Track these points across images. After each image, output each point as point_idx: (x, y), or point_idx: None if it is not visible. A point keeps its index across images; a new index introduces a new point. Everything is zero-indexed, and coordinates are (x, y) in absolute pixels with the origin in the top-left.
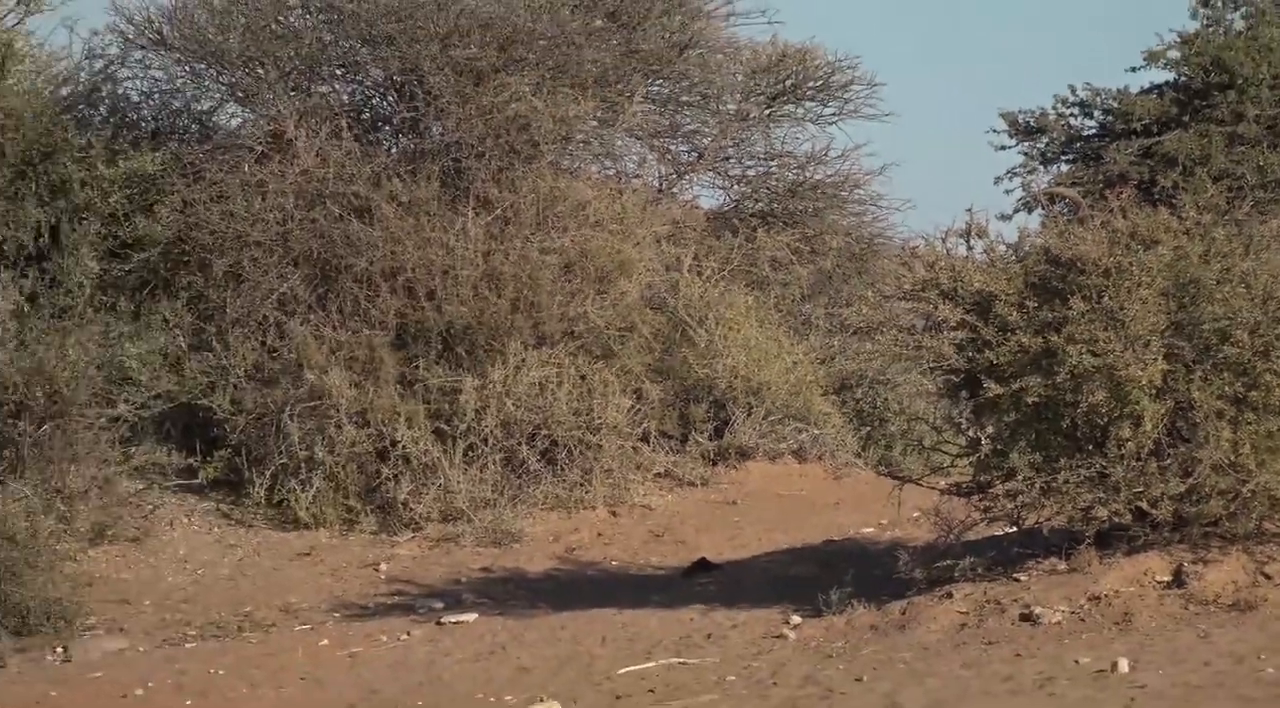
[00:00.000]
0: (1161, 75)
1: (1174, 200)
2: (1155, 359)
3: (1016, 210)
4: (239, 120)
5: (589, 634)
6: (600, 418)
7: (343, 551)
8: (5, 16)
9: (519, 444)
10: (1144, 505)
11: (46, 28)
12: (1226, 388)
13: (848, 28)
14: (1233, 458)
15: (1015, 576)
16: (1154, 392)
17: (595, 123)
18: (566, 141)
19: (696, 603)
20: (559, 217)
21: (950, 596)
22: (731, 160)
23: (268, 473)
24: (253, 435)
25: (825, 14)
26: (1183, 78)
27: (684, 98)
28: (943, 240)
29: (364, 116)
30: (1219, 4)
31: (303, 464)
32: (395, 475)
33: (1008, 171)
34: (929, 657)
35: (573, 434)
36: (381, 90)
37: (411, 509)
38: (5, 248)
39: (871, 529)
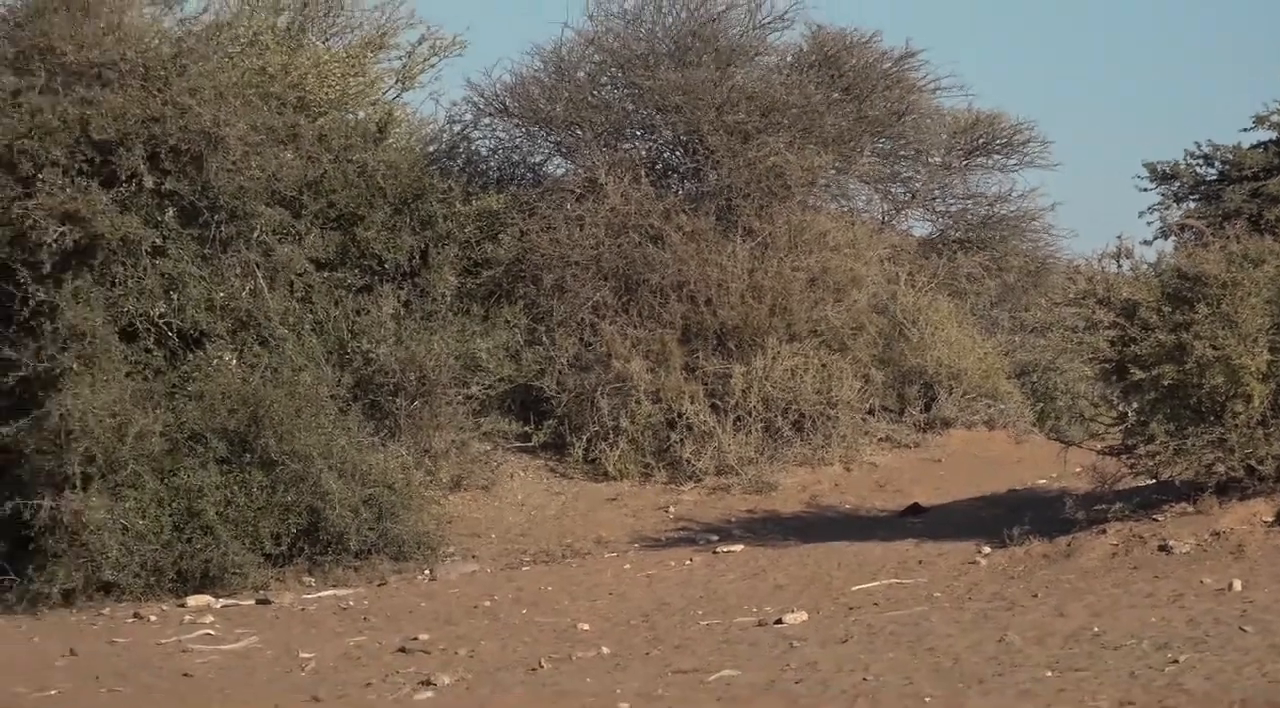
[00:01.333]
0: (1267, 134)
1: (1276, 230)
2: (1261, 351)
3: (1155, 237)
4: (563, 170)
5: (828, 560)
6: (837, 396)
7: (641, 497)
8: (386, 92)
9: (775, 416)
10: (1253, 463)
11: (418, 100)
12: None
13: (1024, 92)
14: None
15: (1154, 517)
16: (1261, 376)
17: (833, 171)
18: (811, 185)
19: (910, 537)
20: (805, 242)
21: (1104, 532)
22: (937, 200)
23: (584, 438)
24: (572, 409)
25: (1010, 82)
26: None
27: (901, 152)
28: (1099, 260)
29: (657, 166)
30: None
31: (610, 431)
32: (681, 440)
33: (1149, 207)
34: (1088, 578)
35: (816, 408)
36: (671, 147)
37: (693, 465)
38: (386, 266)
39: (1044, 481)
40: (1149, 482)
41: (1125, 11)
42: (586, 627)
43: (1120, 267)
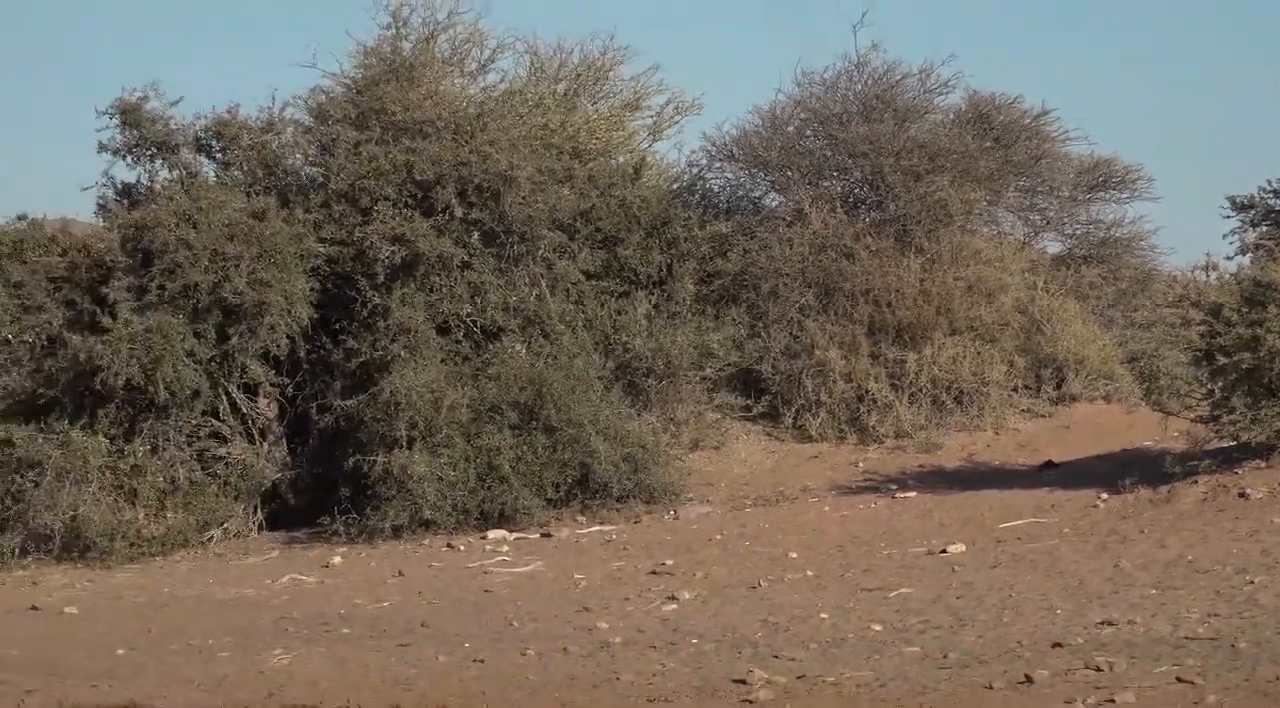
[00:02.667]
0: None
1: None
2: None
3: (1235, 254)
4: (776, 202)
5: (981, 504)
6: (988, 377)
7: (836, 455)
8: (641, 143)
9: (940, 392)
10: None
11: (664, 149)
12: None
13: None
14: None
15: (1235, 471)
16: None
17: (985, 203)
18: (968, 214)
19: (1045, 487)
20: (964, 258)
21: (1196, 482)
22: (1066, 225)
23: (793, 409)
24: (783, 387)
25: (1123, 127)
26: None
27: (1038, 188)
28: (1191, 272)
29: (849, 199)
30: None
31: (813, 404)
32: (867, 410)
33: (1230, 231)
34: (1183, 518)
35: (972, 386)
36: (859, 184)
37: (876, 430)
38: (640, 277)
39: (1149, 443)
40: (1231, 443)
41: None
42: (794, 555)
43: (1208, 277)
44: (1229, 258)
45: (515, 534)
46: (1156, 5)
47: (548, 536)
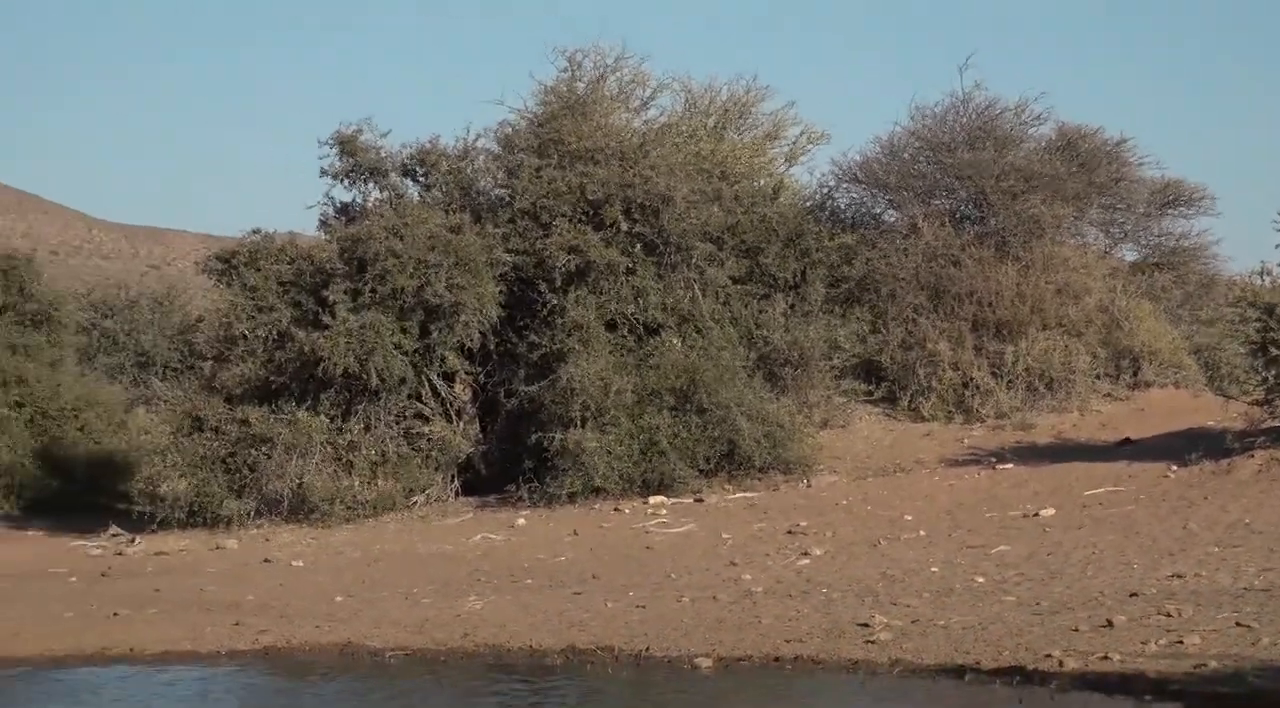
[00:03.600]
0: None
1: None
2: None
3: None
4: (893, 217)
5: (1069, 475)
6: (1074, 366)
7: (945, 433)
8: (779, 167)
9: (1034, 379)
10: None
11: (799, 172)
12: None
13: (1207, 158)
14: None
15: None
16: None
17: (1073, 218)
18: (1058, 228)
19: (1123, 460)
20: (1053, 265)
21: (1253, 456)
22: (1140, 237)
23: (908, 393)
24: (900, 375)
25: (1187, 152)
26: None
27: (1117, 206)
28: (1249, 277)
29: (956, 215)
30: None
31: (925, 389)
32: (972, 395)
33: None
34: (1241, 487)
35: (1060, 374)
36: (965, 202)
37: (979, 412)
38: (778, 281)
39: (1212, 423)
40: None
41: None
42: (909, 518)
43: (1263, 281)
44: None
45: (672, 500)
46: (1224, 47)
47: (700, 501)
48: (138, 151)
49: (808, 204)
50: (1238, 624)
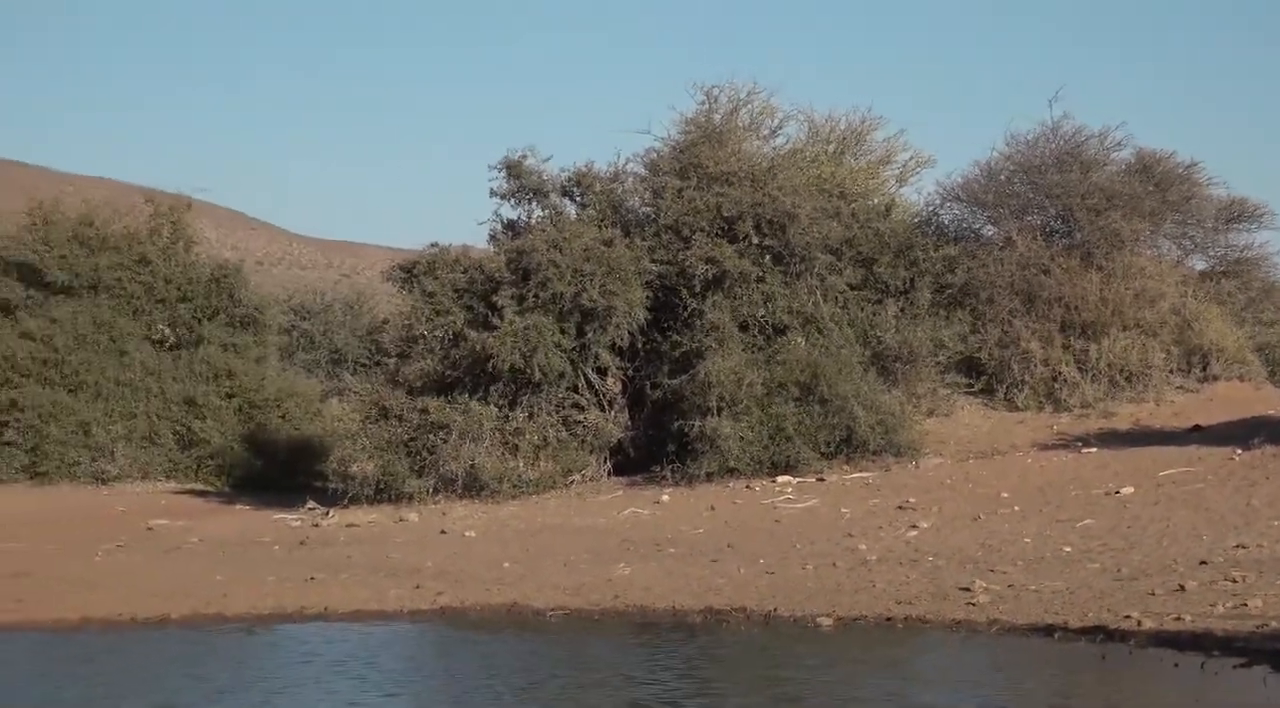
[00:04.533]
0: None
1: None
2: None
3: None
4: (991, 232)
5: (1145, 457)
6: (1151, 363)
7: (1036, 421)
8: (890, 188)
9: (1115, 374)
10: None
11: (908, 192)
12: None
13: (1260, 177)
14: None
15: None
16: None
17: (1149, 232)
18: (1135, 241)
19: (1193, 444)
20: (1132, 273)
21: None
22: (1209, 248)
23: (1004, 386)
24: (996, 369)
25: (1252, 171)
26: None
27: (1188, 221)
28: None
29: (1046, 229)
30: None
31: (1020, 382)
32: (1060, 387)
33: None
34: None
35: (1138, 369)
36: (1054, 218)
37: (1067, 402)
38: (890, 288)
39: (1273, 412)
40: None
41: None
42: (1005, 495)
43: None
44: None
45: (797, 479)
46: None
47: (821, 480)
48: (332, 174)
49: (916, 220)
50: None
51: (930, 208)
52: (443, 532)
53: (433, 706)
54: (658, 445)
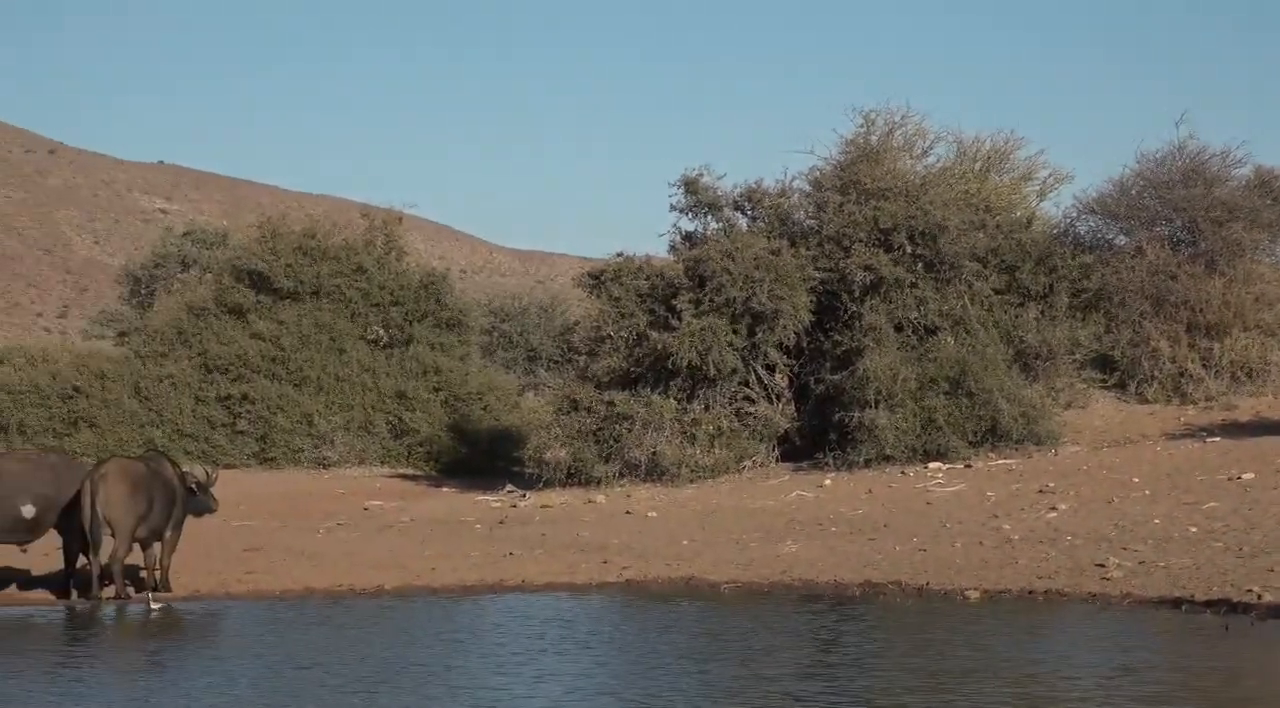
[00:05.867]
0: None
1: None
2: None
3: None
4: (1123, 241)
5: (1265, 446)
6: (1270, 359)
7: (1165, 413)
8: (1031, 202)
9: (1237, 370)
10: None
11: (1047, 206)
12: None
13: None
14: None
15: None
16: None
17: (1267, 241)
18: (1255, 249)
19: None
20: (1252, 278)
21: None
22: None
23: (1135, 381)
24: (1129, 367)
25: None
26: None
27: None
28: None
29: (1173, 239)
30: None
31: (1149, 378)
32: (1187, 383)
33: None
34: None
35: (1259, 366)
36: (1180, 229)
37: (1192, 396)
38: (1031, 292)
39: None
40: None
41: None
42: (1136, 480)
43: None
44: None
45: (947, 465)
46: None
47: (969, 466)
48: (529, 191)
49: (1054, 231)
50: None
51: (1068, 220)
52: (627, 512)
53: (630, 663)
54: (820, 434)
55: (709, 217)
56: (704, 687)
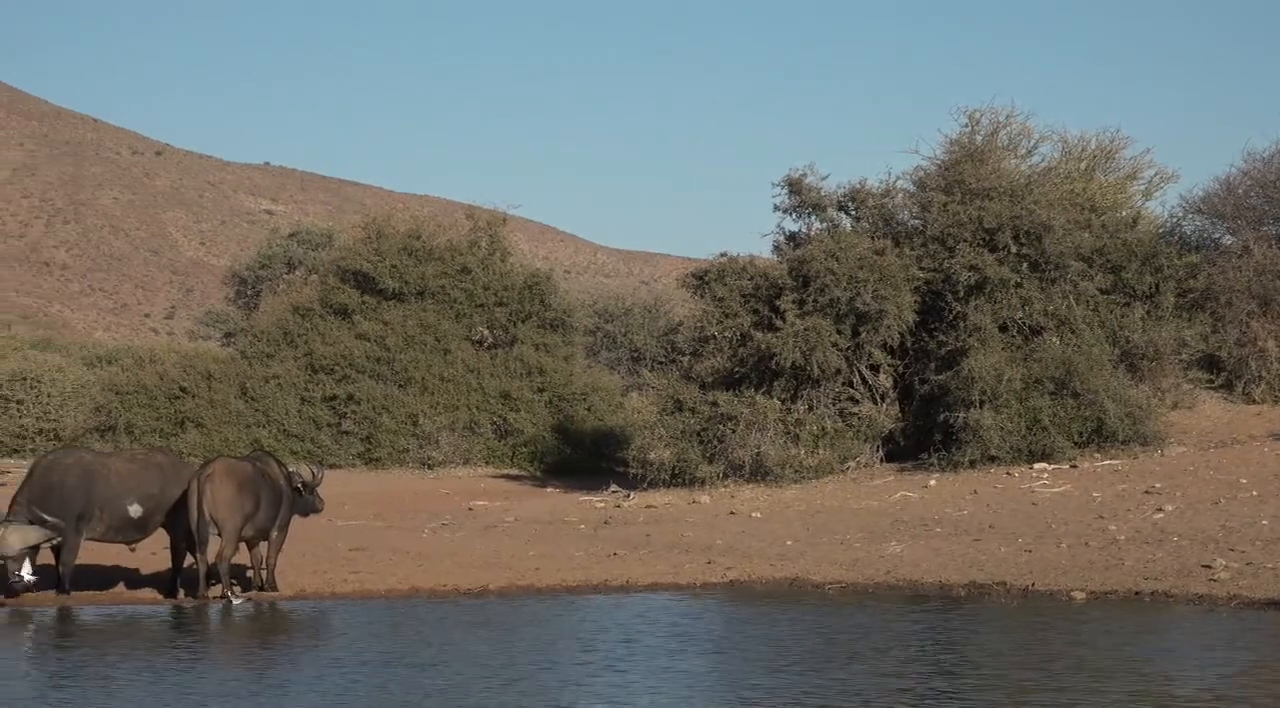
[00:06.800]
0: None
1: None
2: None
3: None
4: (1230, 241)
5: None
6: None
7: (1272, 413)
8: (1136, 202)
9: None
10: None
11: (1153, 205)
12: None
13: None
14: None
15: None
16: None
17: None
18: None
19: None
20: None
21: None
22: None
23: (1243, 381)
24: (1235, 367)
25: None
26: None
27: None
28: None
29: (1278, 239)
30: None
31: (1256, 378)
32: None
33: None
34: None
35: None
36: None
37: None
38: (1135, 292)
39: None
40: None
41: None
42: (1244, 481)
43: None
44: None
45: (1052, 466)
46: None
47: (1074, 467)
48: (632, 192)
49: (1160, 230)
50: None
51: (1174, 219)
52: (731, 513)
53: (746, 662)
54: (925, 435)
55: (813, 217)
56: (826, 688)
